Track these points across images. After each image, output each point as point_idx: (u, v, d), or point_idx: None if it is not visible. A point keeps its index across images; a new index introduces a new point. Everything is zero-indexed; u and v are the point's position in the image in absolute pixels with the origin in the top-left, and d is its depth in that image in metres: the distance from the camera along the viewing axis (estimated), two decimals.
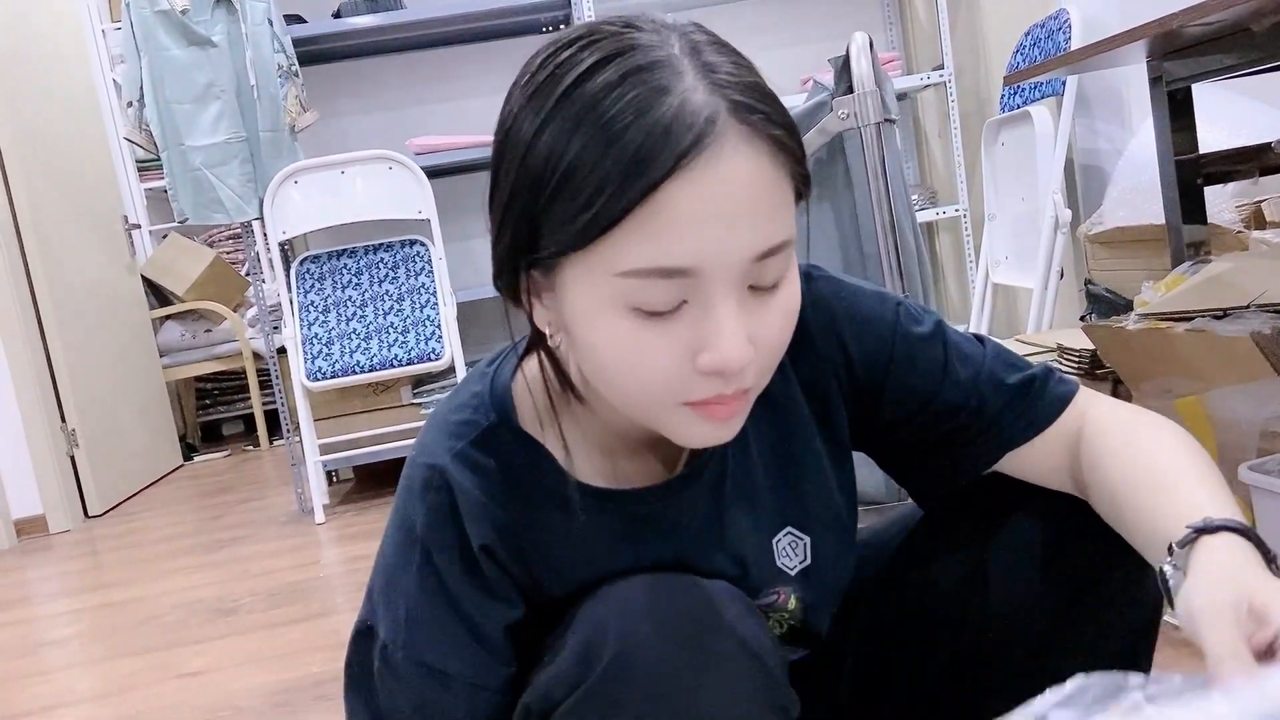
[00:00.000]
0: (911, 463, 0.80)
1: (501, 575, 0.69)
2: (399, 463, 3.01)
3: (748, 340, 0.57)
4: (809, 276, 0.74)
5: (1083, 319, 2.20)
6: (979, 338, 0.77)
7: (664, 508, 0.71)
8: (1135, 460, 0.67)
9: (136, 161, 4.46)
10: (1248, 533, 0.58)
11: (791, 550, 0.75)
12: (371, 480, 3.15)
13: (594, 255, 0.55)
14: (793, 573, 0.76)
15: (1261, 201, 1.84)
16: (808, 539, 0.76)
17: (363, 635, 0.72)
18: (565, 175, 0.54)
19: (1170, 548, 0.59)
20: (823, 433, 0.76)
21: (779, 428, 0.75)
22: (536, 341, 0.67)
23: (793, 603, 0.76)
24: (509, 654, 0.70)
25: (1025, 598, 0.74)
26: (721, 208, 0.54)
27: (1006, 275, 2.72)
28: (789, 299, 0.60)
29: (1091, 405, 0.74)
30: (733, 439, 0.67)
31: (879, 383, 0.75)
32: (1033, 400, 0.74)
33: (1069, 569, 0.73)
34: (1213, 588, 0.55)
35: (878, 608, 0.83)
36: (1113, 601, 0.73)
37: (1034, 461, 0.75)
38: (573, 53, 0.56)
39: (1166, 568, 0.59)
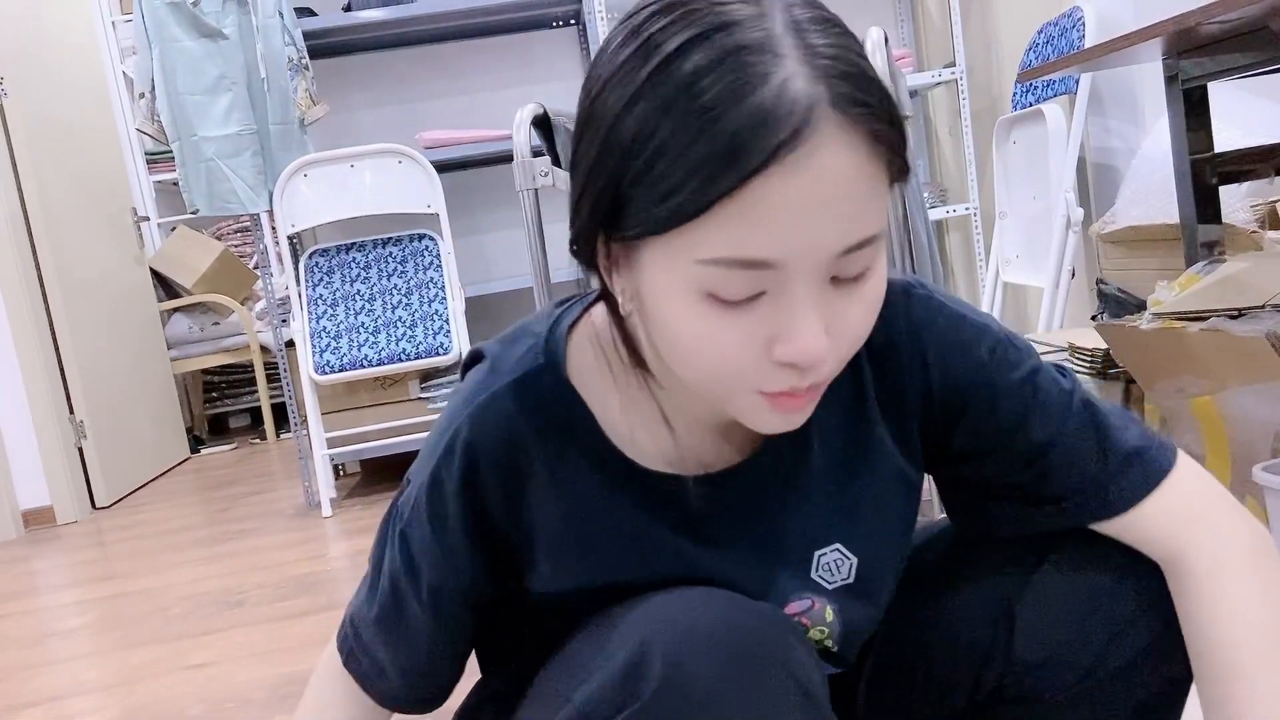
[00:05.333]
0: (969, 502, 0.76)
1: (491, 531, 0.69)
2: (406, 456, 2.98)
3: (825, 333, 0.55)
4: (908, 292, 0.71)
5: (1093, 318, 2.19)
6: (1072, 392, 0.71)
7: (693, 497, 0.69)
8: (1239, 628, 0.66)
9: (146, 154, 4.47)
10: None
11: (836, 566, 0.72)
12: (378, 474, 3.15)
13: (676, 238, 0.53)
14: (830, 587, 0.73)
15: (1276, 201, 1.83)
16: (855, 560, 0.73)
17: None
18: (652, 158, 0.52)
19: None
20: (897, 455, 0.73)
21: (851, 443, 0.72)
22: (607, 303, 0.64)
23: (829, 614, 0.73)
24: (460, 624, 0.74)
25: (1053, 648, 0.72)
26: (812, 202, 0.51)
27: (1017, 274, 2.71)
28: (874, 289, 0.57)
29: (1183, 497, 0.70)
30: (796, 444, 0.66)
31: (954, 417, 0.71)
32: (1107, 482, 0.70)
33: (1102, 622, 0.70)
34: None
35: (898, 633, 0.79)
36: (1148, 657, 0.71)
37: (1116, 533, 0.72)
38: (666, 23, 0.53)
39: None
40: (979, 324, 0.72)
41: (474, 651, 0.80)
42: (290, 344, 2.88)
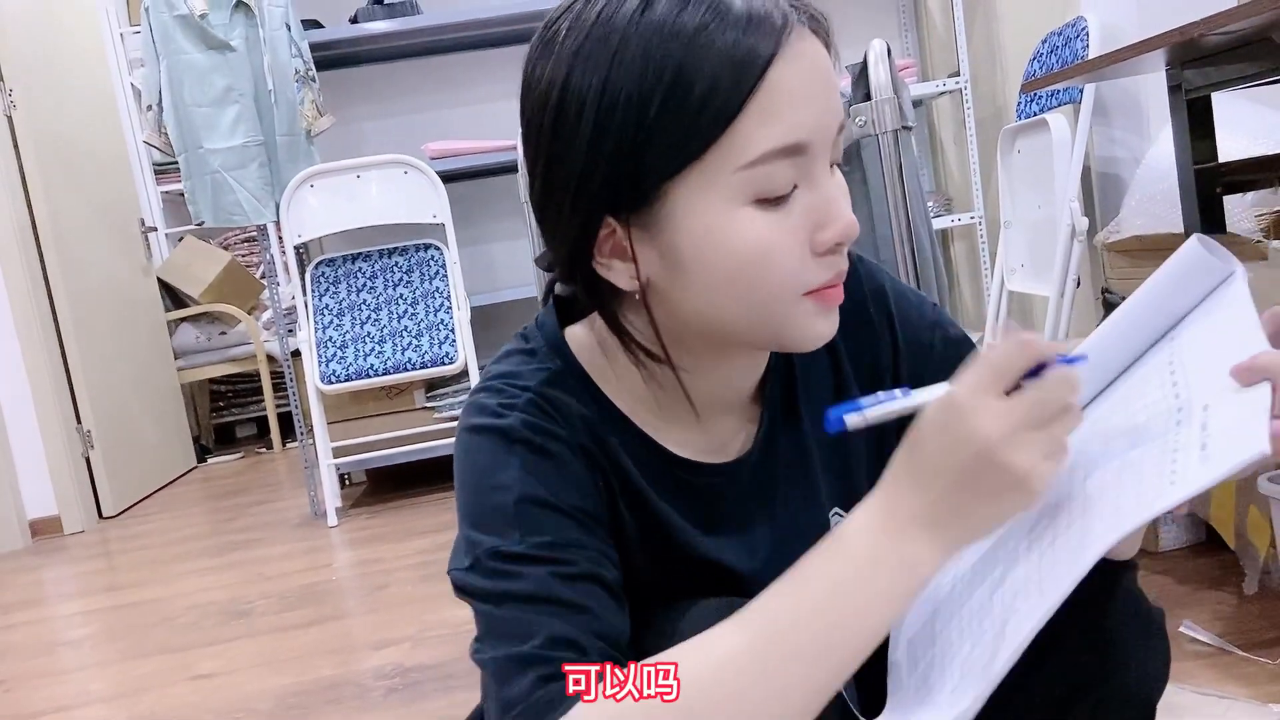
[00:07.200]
0: None
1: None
2: (412, 466, 2.97)
3: None
4: (860, 258, 0.76)
5: None
6: None
7: (722, 482, 0.71)
8: None
9: (153, 165, 4.49)
10: None
11: None
12: (384, 483, 3.16)
13: (712, 158, 0.57)
14: None
15: None
16: None
17: (466, 572, 0.62)
18: (669, 90, 0.56)
19: None
20: None
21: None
22: (607, 305, 0.65)
23: None
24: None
25: (1008, 700, 0.70)
26: (816, 81, 0.58)
27: (1022, 283, 2.71)
28: (841, 178, 0.64)
29: None
30: (790, 424, 0.70)
31: (919, 371, 0.75)
32: None
33: (1056, 676, 0.69)
34: None
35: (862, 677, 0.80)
36: (1109, 706, 0.70)
37: None
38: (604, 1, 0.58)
39: None
40: (913, 289, 0.79)
41: None
42: (296, 354, 2.89)
